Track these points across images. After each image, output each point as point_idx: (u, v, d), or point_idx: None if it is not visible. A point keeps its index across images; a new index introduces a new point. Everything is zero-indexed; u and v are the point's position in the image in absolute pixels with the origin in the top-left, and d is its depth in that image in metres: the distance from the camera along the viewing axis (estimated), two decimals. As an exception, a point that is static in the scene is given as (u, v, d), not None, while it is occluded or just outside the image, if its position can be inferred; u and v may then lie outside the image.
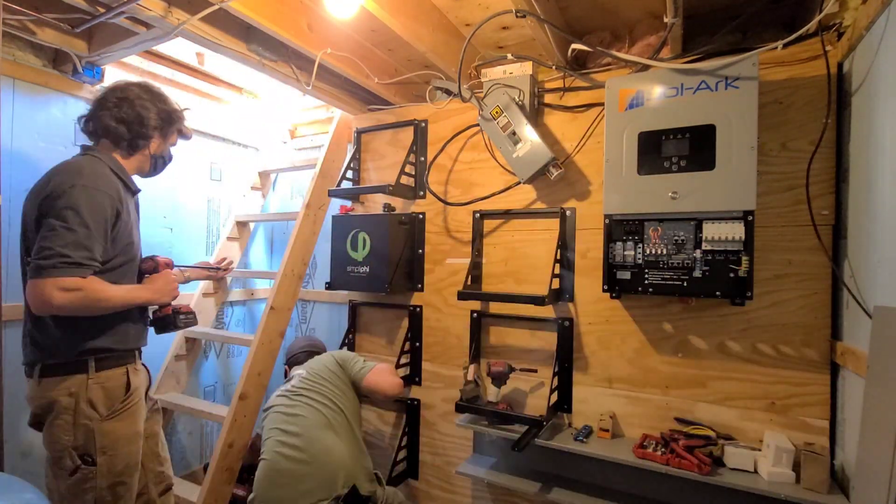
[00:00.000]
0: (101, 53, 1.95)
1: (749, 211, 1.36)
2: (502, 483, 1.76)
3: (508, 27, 1.79)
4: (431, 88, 2.06)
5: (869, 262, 1.22)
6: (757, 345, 1.52)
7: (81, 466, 1.31)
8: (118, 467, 1.37)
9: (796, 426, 1.46)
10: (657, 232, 1.49)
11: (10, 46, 1.87)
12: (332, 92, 2.15)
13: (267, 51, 1.81)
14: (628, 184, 1.52)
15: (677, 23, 1.40)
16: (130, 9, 1.48)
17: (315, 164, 2.49)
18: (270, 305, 2.27)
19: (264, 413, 1.91)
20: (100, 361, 1.38)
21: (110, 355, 1.41)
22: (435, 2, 1.69)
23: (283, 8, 1.65)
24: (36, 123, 1.98)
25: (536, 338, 1.87)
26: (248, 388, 2.19)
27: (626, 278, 1.53)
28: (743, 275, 1.37)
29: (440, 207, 2.07)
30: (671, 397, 1.63)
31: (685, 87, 1.44)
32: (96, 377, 1.37)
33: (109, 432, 1.36)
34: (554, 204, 1.84)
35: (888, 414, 0.98)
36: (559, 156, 1.79)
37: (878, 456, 1.00)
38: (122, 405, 1.40)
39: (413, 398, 2.10)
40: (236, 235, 2.83)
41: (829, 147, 1.43)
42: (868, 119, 1.26)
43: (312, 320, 3.02)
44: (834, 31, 1.43)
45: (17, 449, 1.94)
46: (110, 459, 1.35)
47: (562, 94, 1.83)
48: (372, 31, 1.84)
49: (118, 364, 1.43)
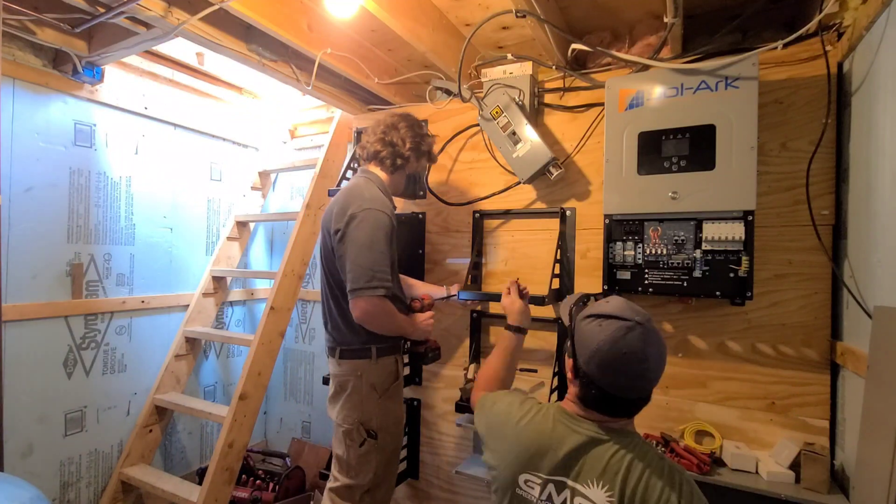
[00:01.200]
0: (101, 53, 1.95)
1: (749, 211, 1.36)
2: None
3: (508, 27, 1.79)
4: (431, 88, 2.06)
5: (869, 262, 1.22)
6: (757, 345, 1.52)
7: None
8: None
9: (796, 426, 1.46)
10: (657, 232, 1.49)
11: (10, 46, 1.87)
12: (332, 92, 2.15)
13: (267, 51, 1.81)
14: (628, 184, 1.52)
15: (677, 23, 1.40)
16: (130, 9, 1.48)
17: (315, 164, 2.49)
18: (270, 305, 2.27)
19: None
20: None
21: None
22: (435, 2, 1.69)
23: (283, 8, 1.65)
24: (36, 123, 1.98)
25: (536, 338, 1.87)
26: (248, 388, 2.19)
27: (626, 278, 1.54)
28: (743, 275, 1.37)
29: (440, 207, 2.07)
30: (671, 397, 1.63)
31: (685, 87, 1.44)
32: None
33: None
34: (554, 204, 1.84)
35: (888, 414, 0.98)
36: (559, 156, 1.79)
37: (878, 456, 1.00)
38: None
39: (413, 398, 2.10)
40: (236, 235, 2.83)
41: (829, 147, 1.43)
42: (868, 119, 1.26)
43: (312, 320, 3.02)
44: (834, 31, 1.43)
45: (17, 449, 1.94)
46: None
47: (562, 94, 1.83)
48: (372, 31, 1.84)
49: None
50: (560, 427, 0.96)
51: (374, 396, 1.56)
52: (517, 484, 0.97)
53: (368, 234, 1.46)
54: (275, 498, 2.42)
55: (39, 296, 1.99)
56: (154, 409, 2.40)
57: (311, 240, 2.44)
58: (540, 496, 0.94)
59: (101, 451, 2.24)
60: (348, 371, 1.58)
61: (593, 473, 0.89)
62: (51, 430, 2.05)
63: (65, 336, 2.09)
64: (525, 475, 0.97)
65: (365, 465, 1.55)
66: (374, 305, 1.45)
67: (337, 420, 1.59)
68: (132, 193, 2.33)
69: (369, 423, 1.55)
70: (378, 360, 1.58)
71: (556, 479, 0.92)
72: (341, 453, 1.58)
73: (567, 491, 0.91)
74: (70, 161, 2.09)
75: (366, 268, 1.44)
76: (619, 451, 0.90)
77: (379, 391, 1.57)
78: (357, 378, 1.56)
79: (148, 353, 2.42)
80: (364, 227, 1.47)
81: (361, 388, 1.56)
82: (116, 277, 2.28)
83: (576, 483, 0.90)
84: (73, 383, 2.12)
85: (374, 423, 1.55)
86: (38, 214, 1.99)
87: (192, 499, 2.07)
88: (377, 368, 1.57)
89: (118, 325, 2.29)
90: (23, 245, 1.94)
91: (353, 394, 1.57)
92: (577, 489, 0.90)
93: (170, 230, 2.52)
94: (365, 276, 1.44)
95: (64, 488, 2.10)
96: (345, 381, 1.58)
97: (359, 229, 1.47)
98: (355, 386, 1.56)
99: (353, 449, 1.55)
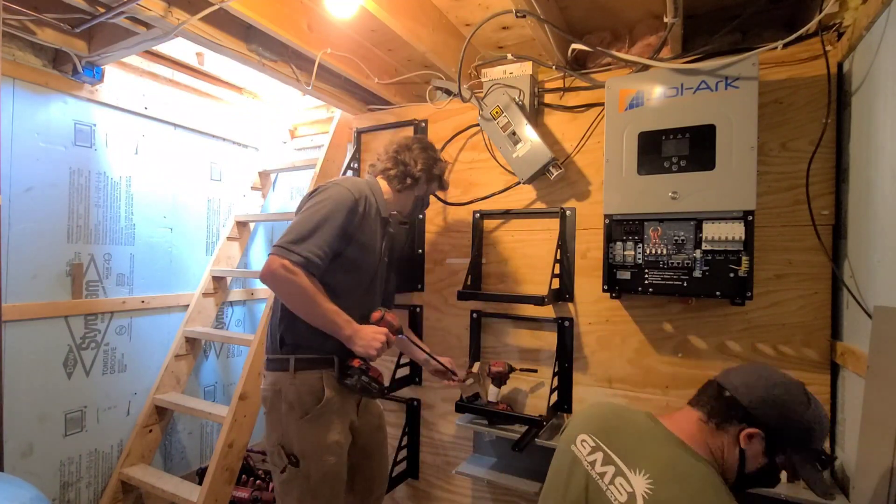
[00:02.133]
0: (101, 53, 1.95)
1: (749, 211, 1.36)
2: (502, 483, 1.76)
3: (508, 27, 1.79)
4: (431, 88, 2.06)
5: (869, 262, 1.22)
6: (757, 345, 1.52)
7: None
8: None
9: (796, 426, 1.46)
10: (657, 232, 1.49)
11: (10, 46, 1.87)
12: (333, 92, 2.15)
13: (267, 51, 1.81)
14: (628, 184, 1.52)
15: (677, 23, 1.40)
16: (130, 9, 1.48)
17: (315, 164, 2.49)
18: (270, 305, 2.27)
19: None
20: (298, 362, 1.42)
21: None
22: (435, 2, 1.69)
23: (283, 8, 1.65)
24: (36, 123, 1.98)
25: (536, 338, 1.87)
26: (248, 388, 2.19)
27: (626, 278, 1.53)
28: (743, 275, 1.37)
29: (440, 207, 2.07)
30: (671, 397, 1.63)
31: (685, 87, 1.44)
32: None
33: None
34: (554, 204, 1.84)
35: (888, 414, 0.98)
36: (559, 156, 1.79)
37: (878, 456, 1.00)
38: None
39: (413, 398, 2.10)
40: (236, 235, 2.83)
41: (829, 147, 1.43)
42: (868, 119, 1.26)
43: (312, 320, 3.01)
44: (834, 31, 1.43)
45: (17, 449, 1.94)
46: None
47: (562, 94, 1.83)
48: (372, 31, 1.84)
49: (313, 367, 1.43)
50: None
51: (294, 416, 1.38)
52: (573, 440, 1.03)
53: (320, 206, 1.35)
54: (275, 498, 2.42)
55: (39, 296, 1.99)
56: (154, 409, 2.40)
57: (311, 240, 2.44)
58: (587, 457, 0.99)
59: (101, 451, 2.24)
60: (268, 384, 1.43)
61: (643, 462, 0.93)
62: (51, 429, 2.05)
63: (65, 336, 2.09)
64: (583, 435, 1.02)
65: (286, 495, 1.40)
66: (285, 268, 1.27)
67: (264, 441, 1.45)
68: (132, 193, 2.33)
69: (290, 446, 1.37)
70: (296, 375, 1.39)
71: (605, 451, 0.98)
72: (274, 482, 1.45)
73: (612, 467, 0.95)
74: (70, 161, 2.09)
75: (297, 230, 1.31)
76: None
77: (298, 411, 1.38)
78: (275, 393, 1.40)
79: (148, 353, 2.42)
80: (320, 198, 1.37)
81: (280, 406, 1.39)
82: (116, 277, 2.28)
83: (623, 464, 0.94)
84: (73, 383, 2.12)
85: (295, 448, 1.37)
86: (38, 214, 1.99)
87: (192, 499, 2.07)
88: (296, 384, 1.39)
89: (118, 325, 2.29)
90: (23, 245, 1.94)
91: (272, 411, 1.41)
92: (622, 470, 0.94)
93: (170, 230, 2.52)
94: (291, 236, 1.30)
95: (64, 488, 2.10)
96: (265, 396, 1.44)
97: (315, 200, 1.37)
98: (273, 403, 1.41)
99: (276, 475, 1.41)
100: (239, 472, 2.26)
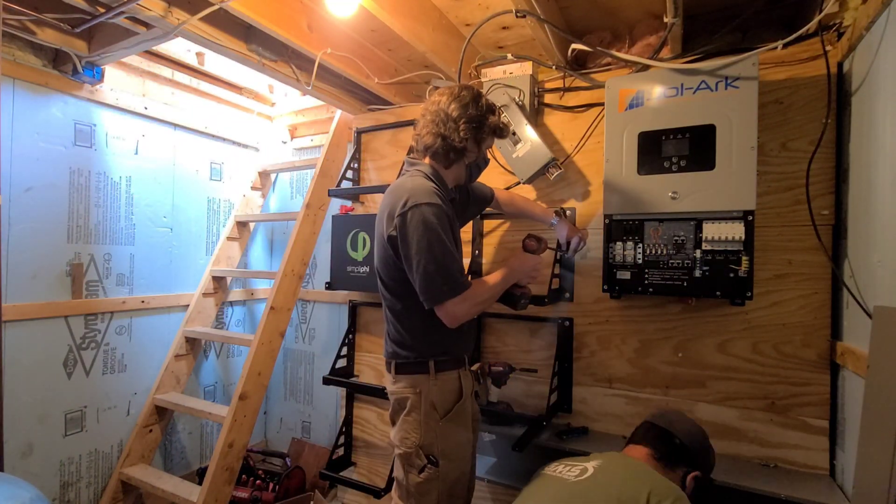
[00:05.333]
0: (101, 53, 1.95)
1: (749, 211, 1.36)
2: (502, 483, 1.76)
3: (508, 27, 1.79)
4: (431, 88, 2.06)
5: (869, 262, 1.22)
6: (757, 345, 1.52)
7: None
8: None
9: (796, 426, 1.46)
10: (657, 232, 1.49)
11: (10, 46, 1.87)
12: (332, 92, 2.15)
13: (267, 51, 1.81)
14: (628, 184, 1.52)
15: (677, 23, 1.40)
16: (130, 9, 1.48)
17: (315, 164, 2.49)
18: (270, 305, 2.27)
19: None
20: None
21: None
22: (435, 2, 1.69)
23: (283, 8, 1.65)
24: (36, 123, 1.98)
25: (536, 338, 1.87)
26: (248, 388, 2.19)
27: (626, 278, 1.53)
28: (743, 275, 1.37)
29: (440, 207, 2.07)
30: (671, 397, 1.63)
31: (685, 87, 1.44)
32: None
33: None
34: (554, 204, 1.84)
35: (888, 414, 0.98)
36: (559, 156, 1.79)
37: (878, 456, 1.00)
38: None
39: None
40: (236, 235, 2.83)
41: (829, 147, 1.43)
42: (868, 119, 1.26)
43: (312, 320, 3.02)
44: (834, 31, 1.43)
45: (17, 449, 1.94)
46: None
47: (562, 94, 1.83)
48: (372, 31, 1.84)
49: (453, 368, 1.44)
50: None
51: (436, 417, 1.37)
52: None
53: (426, 237, 1.30)
54: (275, 498, 2.42)
55: (39, 296, 1.99)
56: (154, 409, 2.40)
57: (311, 240, 2.44)
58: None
59: (101, 451, 2.24)
60: (405, 387, 1.40)
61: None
62: (51, 429, 2.05)
63: (65, 336, 2.09)
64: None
65: (425, 494, 1.38)
66: (457, 305, 1.32)
67: (395, 442, 1.42)
68: (132, 193, 2.33)
69: (430, 448, 1.36)
70: (438, 376, 1.39)
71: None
72: (401, 478, 1.42)
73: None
74: (70, 161, 2.09)
75: (435, 274, 1.30)
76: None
77: (440, 412, 1.38)
78: (416, 395, 1.38)
79: (148, 353, 2.42)
80: (420, 231, 1.30)
81: (421, 408, 1.37)
82: (116, 277, 2.28)
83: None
84: (73, 383, 2.12)
85: (435, 449, 1.36)
86: (38, 214, 1.99)
87: (192, 499, 2.07)
88: (438, 385, 1.39)
89: (118, 325, 2.29)
90: (23, 245, 1.94)
91: (412, 413, 1.39)
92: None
93: (170, 230, 2.52)
94: (438, 282, 1.30)
95: (64, 488, 2.10)
96: (402, 399, 1.41)
97: (417, 234, 1.30)
98: (413, 404, 1.38)
99: (412, 475, 1.39)
100: (239, 472, 2.26)
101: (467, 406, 1.42)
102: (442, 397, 1.38)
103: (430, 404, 1.37)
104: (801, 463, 1.45)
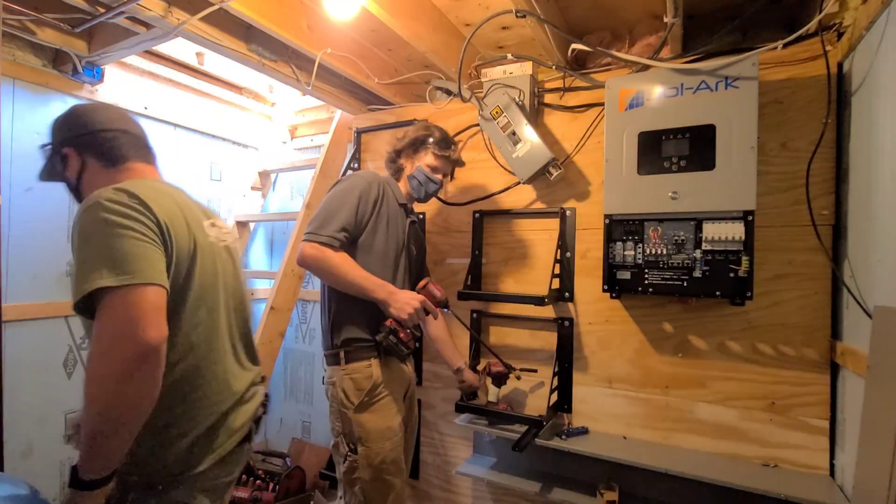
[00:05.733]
0: (101, 53, 1.95)
1: (749, 211, 1.36)
2: (502, 483, 1.76)
3: (508, 27, 1.79)
4: (431, 88, 2.06)
5: (869, 262, 1.22)
6: (757, 345, 1.52)
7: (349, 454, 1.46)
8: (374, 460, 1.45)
9: (796, 426, 1.46)
10: (657, 232, 1.49)
11: (10, 46, 1.87)
12: (332, 92, 2.15)
13: (267, 51, 1.81)
14: (628, 184, 1.51)
15: (677, 23, 1.40)
16: (130, 9, 1.48)
17: (315, 164, 2.49)
18: (270, 305, 2.28)
19: None
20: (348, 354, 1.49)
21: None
22: (435, 2, 1.69)
23: (283, 8, 1.65)
24: (36, 123, 1.98)
25: (536, 338, 1.87)
26: (248, 388, 2.18)
27: (626, 278, 1.53)
28: (743, 275, 1.36)
29: (440, 207, 2.07)
30: (671, 397, 1.63)
31: (685, 87, 1.44)
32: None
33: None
34: (554, 204, 1.84)
35: (888, 414, 0.98)
36: (559, 156, 1.79)
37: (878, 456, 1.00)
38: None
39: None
40: (236, 235, 2.83)
41: (829, 147, 1.43)
42: (868, 119, 1.26)
43: (312, 320, 3.02)
44: (834, 31, 1.43)
45: (17, 449, 1.94)
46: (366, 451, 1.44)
47: (562, 94, 1.83)
48: (372, 31, 1.84)
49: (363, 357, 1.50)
50: None
51: (351, 407, 1.45)
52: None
53: (337, 190, 1.49)
54: (275, 498, 2.42)
55: (39, 296, 1.99)
56: (154, 409, 2.39)
57: (311, 240, 2.43)
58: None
59: (101, 451, 2.24)
60: (328, 378, 1.52)
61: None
62: (51, 430, 2.05)
63: (65, 336, 2.09)
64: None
65: (350, 485, 1.46)
66: (315, 249, 1.40)
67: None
68: (132, 193, 2.33)
69: (350, 436, 1.45)
70: (347, 367, 1.47)
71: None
72: (338, 469, 1.51)
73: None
74: (70, 161, 2.09)
75: (320, 217, 1.44)
76: None
77: (354, 401, 1.45)
78: (333, 387, 1.49)
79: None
80: (338, 187, 1.51)
81: (338, 397, 1.47)
82: (116, 277, 2.27)
83: None
84: (73, 383, 2.11)
85: (353, 437, 1.45)
86: (38, 214, 1.99)
87: (192, 499, 2.07)
88: (349, 375, 1.47)
89: (118, 325, 2.28)
90: (23, 245, 1.94)
91: (331, 404, 1.50)
92: None
93: (170, 230, 2.51)
94: (316, 222, 1.43)
95: (64, 488, 2.10)
96: (325, 391, 1.53)
97: (334, 189, 1.51)
98: (333, 395, 1.49)
99: (340, 464, 1.47)
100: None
101: (384, 392, 1.48)
102: (354, 386, 1.45)
103: (343, 394, 1.46)
104: (801, 463, 1.45)
